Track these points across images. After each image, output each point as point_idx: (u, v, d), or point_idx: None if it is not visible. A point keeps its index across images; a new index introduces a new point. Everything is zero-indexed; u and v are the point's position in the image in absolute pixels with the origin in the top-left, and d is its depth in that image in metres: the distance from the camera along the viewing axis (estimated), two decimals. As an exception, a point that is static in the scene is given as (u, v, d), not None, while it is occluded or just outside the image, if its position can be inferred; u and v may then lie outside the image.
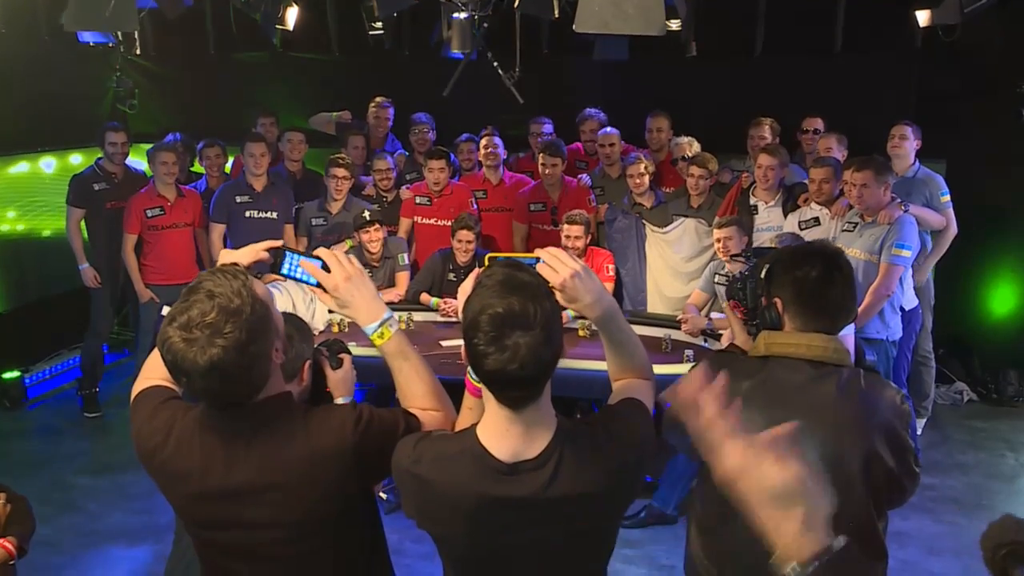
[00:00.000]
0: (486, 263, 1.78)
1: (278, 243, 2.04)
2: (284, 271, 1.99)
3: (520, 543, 1.74)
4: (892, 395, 2.16)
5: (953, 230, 5.53)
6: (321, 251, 1.96)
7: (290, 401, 1.90)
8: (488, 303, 1.61)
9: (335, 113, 7.13)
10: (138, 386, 2.04)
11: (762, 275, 2.29)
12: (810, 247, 2.31)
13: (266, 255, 2.03)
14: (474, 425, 1.77)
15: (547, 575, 1.80)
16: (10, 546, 2.84)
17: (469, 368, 1.81)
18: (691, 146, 6.17)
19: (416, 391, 1.97)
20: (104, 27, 4.86)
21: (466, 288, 1.73)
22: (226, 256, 2.04)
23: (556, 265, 1.80)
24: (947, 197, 5.47)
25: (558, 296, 1.77)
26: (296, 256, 1.99)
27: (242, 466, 1.82)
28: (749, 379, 2.19)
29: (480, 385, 1.76)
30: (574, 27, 3.49)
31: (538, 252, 1.84)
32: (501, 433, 1.71)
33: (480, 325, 1.61)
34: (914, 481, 2.24)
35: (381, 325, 1.92)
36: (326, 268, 1.94)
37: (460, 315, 1.72)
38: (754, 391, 2.17)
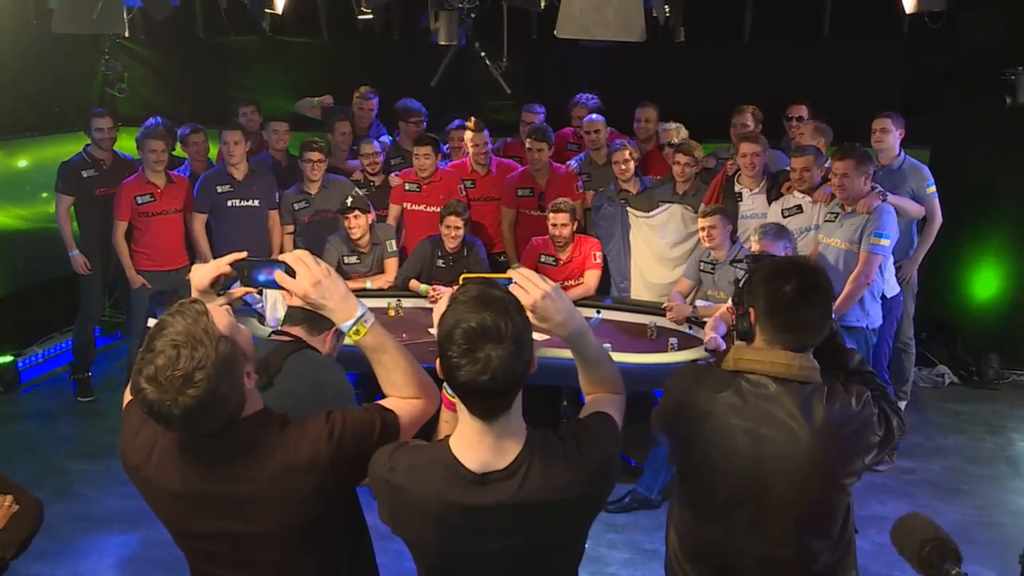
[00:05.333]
0: (460, 282, 1.85)
1: (241, 255, 2.04)
2: (252, 282, 2.00)
3: (488, 551, 1.81)
4: (850, 402, 2.20)
5: (938, 221, 5.57)
6: (286, 256, 1.97)
7: (267, 418, 1.95)
8: (462, 317, 1.68)
9: (317, 99, 7.15)
10: (128, 395, 2.09)
11: (741, 284, 2.34)
12: (791, 263, 2.32)
13: (229, 269, 2.03)
14: (448, 436, 1.85)
15: None
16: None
17: (445, 384, 1.87)
18: (679, 132, 6.20)
19: (396, 381, 2.02)
20: (92, 29, 4.88)
21: (440, 307, 1.79)
22: (195, 272, 2.05)
23: (527, 286, 1.87)
24: (933, 188, 5.50)
25: (529, 316, 1.83)
26: (261, 265, 1.99)
27: (221, 482, 1.89)
28: (721, 392, 2.26)
29: (455, 399, 1.82)
30: (556, 33, 3.54)
31: (511, 273, 1.91)
32: (472, 443, 1.78)
33: (454, 338, 1.68)
34: (892, 444, 2.29)
35: (356, 323, 1.95)
36: (292, 272, 1.94)
37: (436, 331, 1.78)
38: (727, 402, 2.24)
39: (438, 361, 1.75)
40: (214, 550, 1.99)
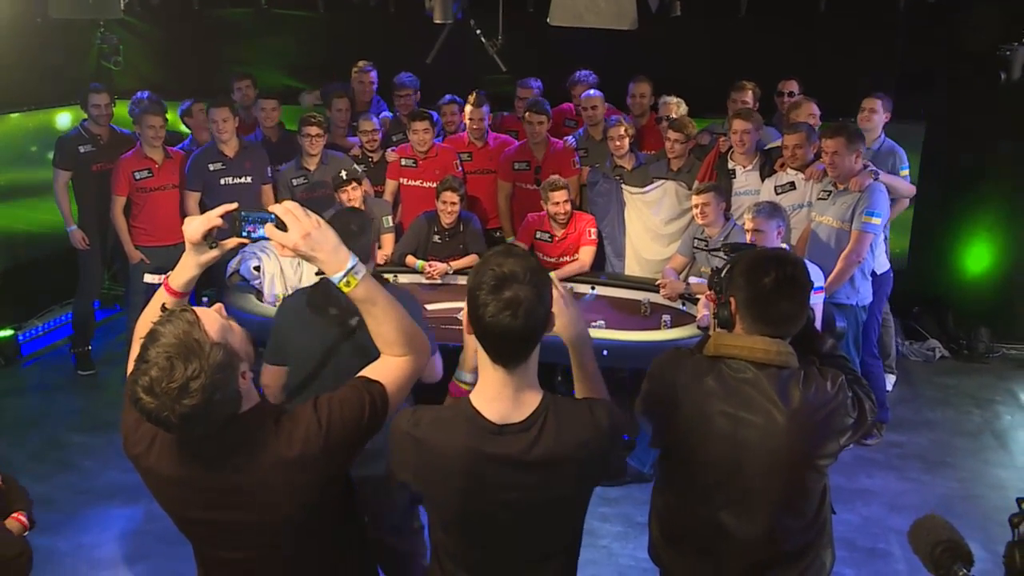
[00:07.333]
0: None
1: (232, 206, 2.04)
2: (242, 234, 2.02)
3: (504, 503, 1.94)
4: (825, 387, 2.28)
5: (903, 204, 5.64)
6: (276, 208, 1.95)
7: (262, 412, 1.99)
8: (492, 263, 1.88)
9: (306, 95, 7.22)
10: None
11: (723, 274, 2.41)
12: (771, 256, 2.39)
13: (220, 222, 2.04)
14: (468, 394, 1.99)
15: (527, 534, 2.00)
16: (24, 519, 3.06)
17: (457, 373, 2.05)
18: (678, 107, 6.21)
19: (386, 335, 2.04)
20: (88, 14, 4.86)
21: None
22: (187, 225, 2.06)
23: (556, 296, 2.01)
24: (907, 171, 5.53)
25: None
26: (251, 217, 2.01)
27: (220, 474, 1.95)
28: (702, 377, 2.33)
29: (466, 387, 1.99)
30: (548, 20, 3.57)
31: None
32: (493, 396, 1.93)
33: (483, 280, 1.87)
34: (865, 427, 2.38)
35: (346, 274, 1.95)
36: (283, 225, 1.93)
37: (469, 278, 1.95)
38: (708, 387, 2.32)
39: (465, 309, 1.90)
40: (215, 536, 2.07)
